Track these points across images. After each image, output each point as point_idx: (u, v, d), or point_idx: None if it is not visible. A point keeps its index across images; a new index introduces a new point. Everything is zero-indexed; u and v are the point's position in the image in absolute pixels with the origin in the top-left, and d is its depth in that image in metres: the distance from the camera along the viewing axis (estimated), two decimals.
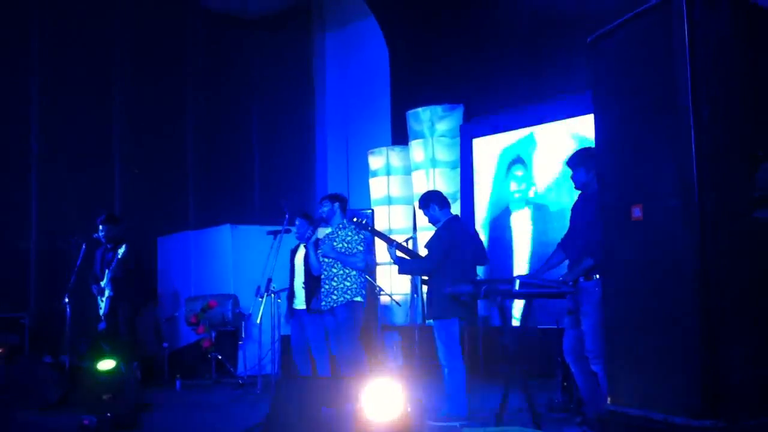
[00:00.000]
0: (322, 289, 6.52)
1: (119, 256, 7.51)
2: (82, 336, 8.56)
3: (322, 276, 6.55)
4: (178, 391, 8.01)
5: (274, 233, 7.32)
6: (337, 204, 6.69)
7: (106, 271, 7.72)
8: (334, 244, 6.49)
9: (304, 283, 7.07)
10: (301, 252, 7.19)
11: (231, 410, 6.74)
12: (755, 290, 3.31)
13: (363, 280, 6.51)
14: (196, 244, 10.09)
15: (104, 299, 7.76)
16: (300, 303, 7.12)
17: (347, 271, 6.43)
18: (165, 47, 11.52)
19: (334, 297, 6.41)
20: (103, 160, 10.79)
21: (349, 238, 6.48)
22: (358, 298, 6.41)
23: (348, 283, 6.41)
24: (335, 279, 6.44)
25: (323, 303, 6.53)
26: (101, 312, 7.79)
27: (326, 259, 6.51)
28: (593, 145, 4.87)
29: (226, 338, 8.94)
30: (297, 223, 7.15)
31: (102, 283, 7.78)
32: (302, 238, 6.93)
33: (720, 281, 3.20)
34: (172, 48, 11.62)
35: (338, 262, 6.44)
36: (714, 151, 3.26)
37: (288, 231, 7.32)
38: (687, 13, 3.29)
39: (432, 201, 6.02)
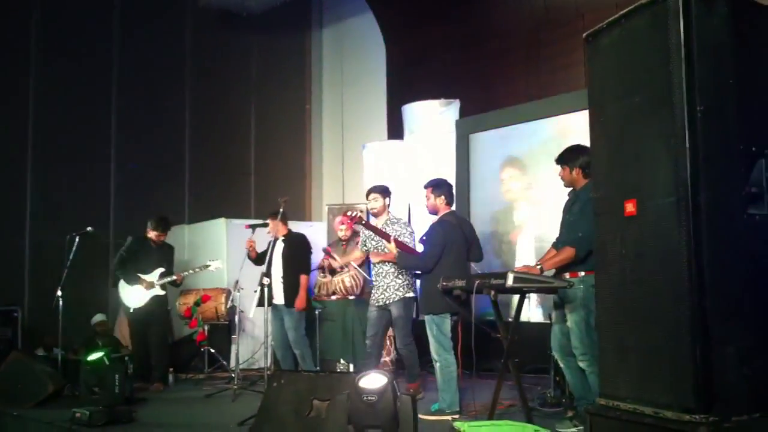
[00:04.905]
0: (374, 284, 6.55)
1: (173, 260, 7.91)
2: (75, 329, 8.55)
3: (374, 271, 6.56)
4: (171, 384, 8.01)
5: (253, 227, 7.38)
6: (387, 199, 6.65)
7: (158, 269, 7.81)
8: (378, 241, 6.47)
9: (282, 277, 7.19)
10: (279, 246, 7.26)
11: (224, 404, 6.74)
12: (749, 287, 3.32)
13: (410, 275, 6.48)
14: (191, 238, 10.08)
15: (147, 294, 7.76)
16: (279, 298, 7.23)
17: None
18: (162, 43, 11.50)
19: (387, 294, 6.42)
20: (99, 154, 10.77)
21: (402, 237, 6.44)
22: (411, 294, 6.43)
23: (400, 280, 6.41)
24: (388, 276, 6.43)
25: (373, 299, 6.55)
26: (136, 305, 7.77)
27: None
28: (581, 143, 4.93)
29: (219, 332, 8.95)
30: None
31: (150, 279, 7.78)
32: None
33: (713, 278, 3.21)
34: (169, 44, 11.61)
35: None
36: (709, 148, 3.26)
37: (266, 225, 7.38)
38: (683, 9, 3.28)
39: (443, 192, 6.03)
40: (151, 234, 7.87)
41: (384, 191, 6.63)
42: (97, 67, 10.81)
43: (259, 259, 7.35)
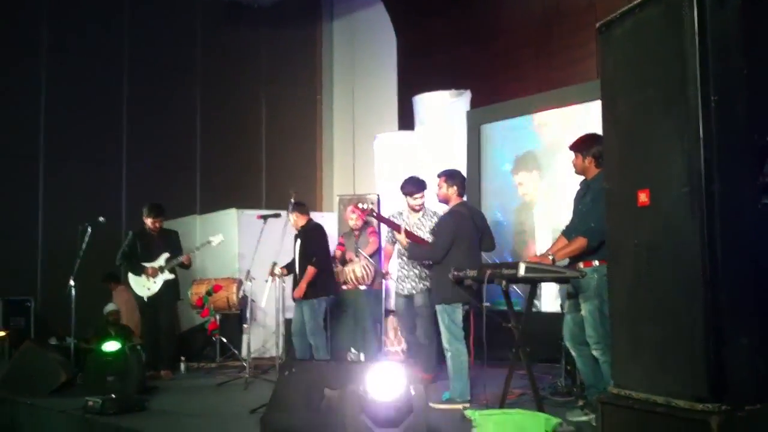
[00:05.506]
0: (400, 274, 6.73)
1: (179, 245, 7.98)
2: (88, 319, 8.61)
3: (401, 262, 6.73)
4: (182, 373, 8.06)
5: (264, 217, 7.42)
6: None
7: (163, 255, 7.85)
8: (420, 232, 6.55)
9: (298, 269, 7.28)
10: (298, 241, 7.34)
11: (235, 393, 6.77)
12: (762, 278, 3.31)
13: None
14: (202, 228, 10.11)
15: (156, 281, 7.81)
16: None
17: None
18: (172, 36, 11.56)
19: (414, 283, 6.62)
20: (111, 145, 10.84)
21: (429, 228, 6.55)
22: None
23: (427, 271, 6.47)
24: (417, 267, 6.57)
25: (399, 287, 6.73)
26: (149, 293, 7.82)
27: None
28: (595, 131, 4.92)
29: (230, 321, 8.99)
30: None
31: (157, 266, 7.82)
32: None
33: (727, 269, 3.20)
34: (181, 37, 11.66)
35: None
36: (722, 139, 3.25)
37: (278, 215, 7.40)
38: (697, 1, 3.27)
39: (456, 182, 6.04)
40: (147, 222, 7.92)
41: (425, 186, 6.72)
42: (107, 61, 10.88)
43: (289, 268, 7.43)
